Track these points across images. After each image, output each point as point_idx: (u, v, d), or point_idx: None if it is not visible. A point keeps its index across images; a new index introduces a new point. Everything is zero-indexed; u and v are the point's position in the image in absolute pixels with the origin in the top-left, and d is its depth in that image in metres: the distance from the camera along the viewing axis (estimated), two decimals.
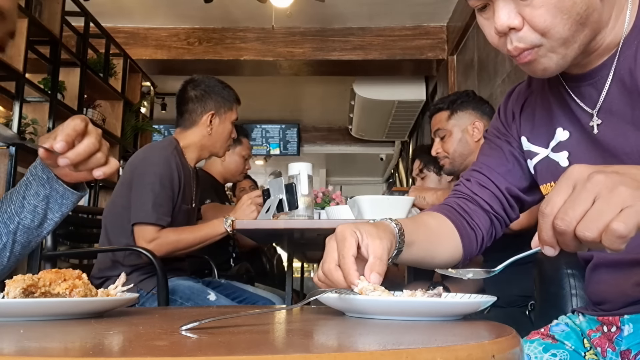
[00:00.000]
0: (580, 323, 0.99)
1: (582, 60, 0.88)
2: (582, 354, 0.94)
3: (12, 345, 0.49)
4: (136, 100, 4.96)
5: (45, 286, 0.67)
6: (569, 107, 0.93)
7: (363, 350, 0.46)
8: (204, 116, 2.17)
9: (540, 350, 0.95)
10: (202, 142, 2.19)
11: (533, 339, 0.98)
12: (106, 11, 4.61)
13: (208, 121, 2.17)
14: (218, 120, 2.20)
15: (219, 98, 2.21)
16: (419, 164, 2.86)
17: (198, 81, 2.24)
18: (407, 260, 0.93)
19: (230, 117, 2.24)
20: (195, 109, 2.18)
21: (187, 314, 0.80)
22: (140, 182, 1.97)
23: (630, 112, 0.84)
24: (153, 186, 1.95)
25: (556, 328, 0.99)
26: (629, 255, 0.87)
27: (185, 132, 2.19)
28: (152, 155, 2.05)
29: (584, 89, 0.90)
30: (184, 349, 0.46)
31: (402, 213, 1.69)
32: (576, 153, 0.93)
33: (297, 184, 1.85)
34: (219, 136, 2.21)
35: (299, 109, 7.87)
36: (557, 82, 0.95)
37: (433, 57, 5.03)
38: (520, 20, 0.80)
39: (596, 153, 0.89)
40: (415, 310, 0.67)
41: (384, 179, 10.72)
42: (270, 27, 4.54)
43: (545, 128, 0.98)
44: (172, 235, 1.95)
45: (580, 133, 0.92)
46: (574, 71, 0.91)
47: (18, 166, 3.36)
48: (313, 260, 6.53)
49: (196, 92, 2.20)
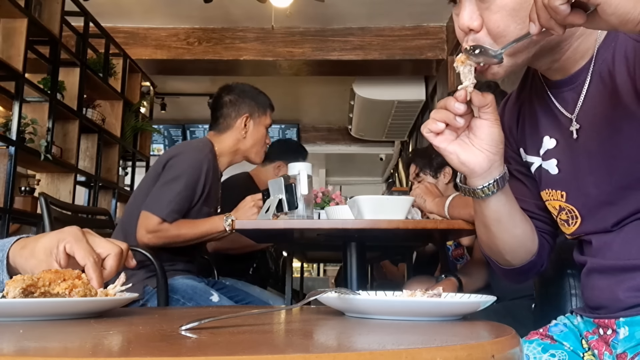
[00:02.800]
0: (578, 324, 0.99)
1: (553, 65, 0.89)
2: (581, 355, 0.94)
3: (11, 345, 0.49)
4: (136, 100, 4.96)
5: (45, 286, 0.67)
6: (553, 113, 0.93)
7: (363, 350, 0.46)
8: (238, 119, 2.20)
9: (539, 351, 0.95)
10: (237, 146, 2.22)
11: (532, 339, 0.99)
12: (106, 11, 4.61)
13: (243, 124, 2.20)
14: (252, 124, 2.23)
15: (253, 102, 2.24)
16: (414, 169, 2.87)
17: (232, 87, 2.28)
18: (497, 204, 0.92)
19: (265, 121, 2.26)
20: (229, 113, 2.21)
21: (187, 314, 0.80)
22: (166, 176, 2.00)
23: (611, 114, 0.84)
24: (177, 184, 1.98)
25: (555, 328, 1.00)
26: (619, 262, 0.88)
27: (220, 135, 2.21)
28: (187, 153, 2.07)
29: (566, 94, 0.91)
30: (184, 349, 0.46)
31: (402, 213, 1.69)
32: (563, 160, 0.93)
33: (297, 184, 1.85)
34: (253, 140, 2.24)
35: (299, 109, 7.87)
36: (542, 89, 0.95)
37: (433, 57, 5.04)
38: (480, 23, 0.84)
39: (581, 159, 0.89)
40: (415, 310, 0.67)
41: (384, 179, 10.72)
42: (270, 27, 4.54)
43: (535, 137, 0.98)
44: (172, 230, 1.96)
45: (565, 139, 0.92)
46: (556, 77, 0.91)
47: (18, 166, 3.36)
48: (313, 260, 6.54)
49: (230, 96, 2.24)
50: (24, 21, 3.32)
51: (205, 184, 2.05)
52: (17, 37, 3.30)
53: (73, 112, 3.90)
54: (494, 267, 1.07)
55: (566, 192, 0.93)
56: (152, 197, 1.97)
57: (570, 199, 0.93)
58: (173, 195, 1.96)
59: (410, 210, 1.75)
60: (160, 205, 1.95)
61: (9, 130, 3.22)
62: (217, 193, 2.20)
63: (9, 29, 3.30)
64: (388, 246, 2.70)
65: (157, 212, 1.94)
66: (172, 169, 2.01)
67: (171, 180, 1.98)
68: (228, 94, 2.25)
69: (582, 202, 0.91)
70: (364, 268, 1.96)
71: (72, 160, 3.90)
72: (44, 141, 3.48)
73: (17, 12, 3.28)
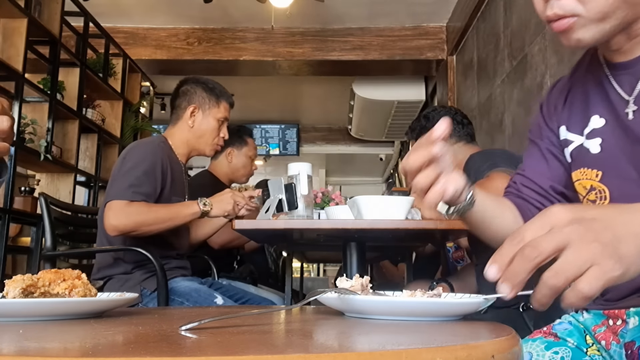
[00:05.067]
0: (585, 320, 0.99)
1: (624, 45, 0.89)
2: (584, 350, 0.95)
3: (11, 345, 0.49)
4: (136, 100, 4.96)
5: (45, 286, 0.67)
6: (607, 94, 0.95)
7: (363, 350, 0.46)
8: (187, 110, 2.18)
9: (542, 349, 0.95)
10: (186, 136, 2.19)
11: (535, 337, 0.99)
12: (105, 11, 4.61)
13: (189, 115, 2.17)
14: (201, 115, 2.19)
15: (203, 93, 2.20)
16: None
17: (188, 78, 2.25)
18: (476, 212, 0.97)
19: (215, 113, 2.21)
20: (180, 103, 2.20)
21: (187, 314, 0.80)
22: (122, 168, 1.95)
23: None
24: (134, 171, 1.92)
25: (559, 326, 1.00)
26: None
27: (172, 128, 2.21)
28: (138, 146, 2.06)
29: (624, 77, 0.92)
30: (184, 349, 0.46)
31: (402, 213, 1.69)
32: (609, 140, 0.94)
33: (297, 184, 1.85)
34: (201, 132, 2.19)
35: (299, 109, 7.87)
36: (599, 69, 0.97)
37: (432, 57, 5.04)
38: None
39: (628, 141, 0.91)
40: (415, 310, 0.67)
41: (384, 179, 10.73)
42: (269, 27, 4.54)
43: (582, 115, 0.99)
44: (142, 207, 1.89)
45: (615, 120, 0.93)
46: (619, 59, 0.92)
47: (18, 166, 3.36)
48: (312, 261, 6.53)
49: (183, 88, 2.22)
50: (24, 21, 3.32)
51: (164, 170, 2.01)
52: (17, 37, 3.30)
53: (73, 112, 3.90)
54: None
55: (602, 172, 0.95)
56: (113, 189, 1.91)
57: (605, 179, 0.94)
58: (132, 179, 1.90)
59: (410, 210, 1.75)
60: (122, 191, 1.88)
61: None
62: (183, 183, 2.17)
63: (9, 29, 3.31)
64: (388, 246, 2.70)
65: (121, 197, 1.87)
66: (126, 163, 1.96)
67: (128, 170, 1.93)
68: (182, 85, 2.22)
69: (618, 184, 0.92)
70: (364, 268, 1.96)
71: (72, 161, 3.90)
72: (43, 141, 3.48)
73: (17, 12, 3.28)
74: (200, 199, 1.96)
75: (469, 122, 2.09)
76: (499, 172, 1.63)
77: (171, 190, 2.05)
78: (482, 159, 1.79)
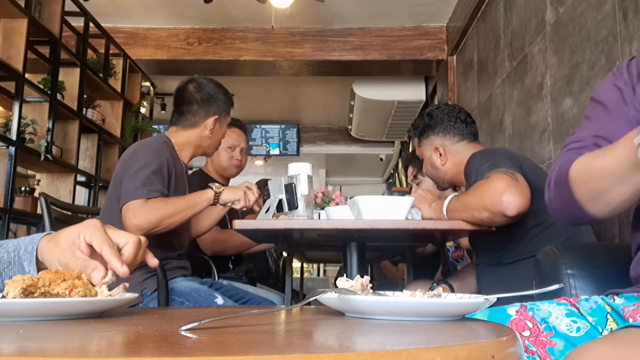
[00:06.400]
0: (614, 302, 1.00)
1: None
2: (600, 330, 0.96)
3: (11, 345, 0.49)
4: (136, 100, 4.96)
5: (45, 286, 0.67)
6: None
7: (363, 350, 0.46)
8: (207, 120, 2.19)
9: (564, 314, 0.96)
10: (199, 142, 2.21)
11: (561, 302, 1.00)
12: (106, 11, 4.61)
13: (211, 125, 2.20)
14: (219, 125, 2.24)
15: (221, 103, 2.24)
16: (412, 171, 2.87)
17: (202, 84, 2.24)
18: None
19: (228, 120, 2.30)
20: (198, 111, 2.20)
21: (187, 314, 0.80)
22: (129, 170, 1.95)
23: None
24: (144, 170, 1.93)
25: (585, 303, 1.01)
26: None
27: (182, 131, 2.20)
28: (142, 147, 2.06)
29: None
30: (184, 349, 0.46)
31: (402, 213, 1.69)
32: None
33: (297, 184, 1.85)
34: (216, 138, 2.26)
35: (299, 109, 7.87)
36: None
37: (433, 57, 5.04)
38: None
39: None
40: (415, 310, 0.67)
41: (384, 179, 10.73)
42: (270, 28, 4.54)
43: None
44: (159, 202, 1.89)
45: None
46: None
47: (18, 166, 3.36)
48: (312, 261, 6.53)
49: (202, 95, 2.21)
50: (24, 21, 3.32)
51: (169, 170, 2.02)
52: (17, 37, 3.30)
53: (73, 112, 3.90)
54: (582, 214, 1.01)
55: None
56: (125, 191, 1.90)
57: None
58: (144, 178, 1.90)
59: (410, 210, 1.75)
60: (135, 191, 1.88)
61: (9, 131, 3.22)
62: (185, 183, 2.18)
63: (9, 29, 3.31)
64: (388, 246, 2.70)
65: (137, 196, 1.87)
66: (134, 163, 1.96)
67: (137, 170, 1.93)
68: (199, 91, 2.22)
69: None
70: (364, 268, 1.96)
71: (72, 161, 3.90)
72: (44, 141, 3.48)
73: (17, 12, 3.28)
74: (211, 185, 1.99)
75: (472, 121, 2.09)
76: (499, 173, 1.63)
77: (175, 190, 2.07)
78: (483, 158, 1.79)
